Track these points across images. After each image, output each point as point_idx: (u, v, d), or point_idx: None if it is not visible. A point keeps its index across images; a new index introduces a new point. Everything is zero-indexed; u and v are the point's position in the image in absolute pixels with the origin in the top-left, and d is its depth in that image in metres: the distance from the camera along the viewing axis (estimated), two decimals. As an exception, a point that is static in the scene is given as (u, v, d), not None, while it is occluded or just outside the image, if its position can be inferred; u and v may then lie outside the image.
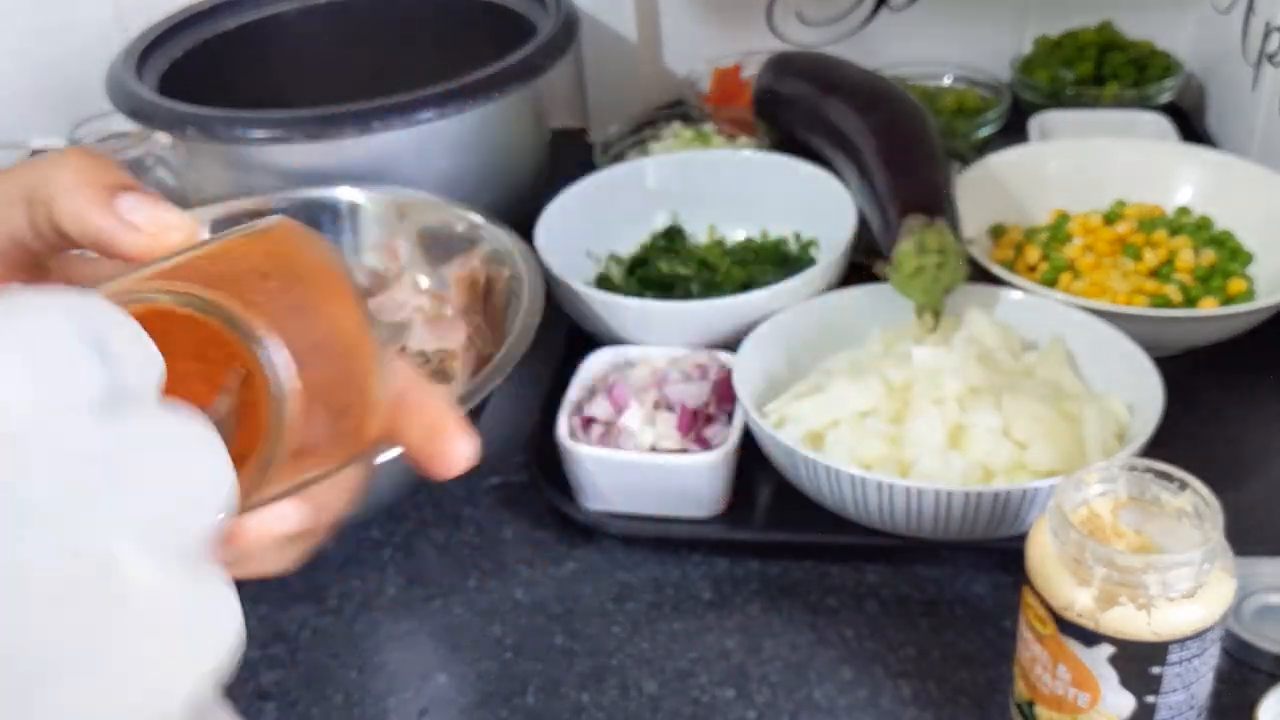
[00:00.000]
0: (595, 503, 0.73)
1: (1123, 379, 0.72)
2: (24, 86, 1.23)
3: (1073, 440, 0.68)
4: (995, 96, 1.09)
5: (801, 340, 0.78)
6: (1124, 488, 0.55)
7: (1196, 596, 0.51)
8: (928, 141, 0.83)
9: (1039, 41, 1.14)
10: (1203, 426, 0.77)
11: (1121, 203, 0.91)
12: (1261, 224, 0.87)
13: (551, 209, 0.88)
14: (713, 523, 0.73)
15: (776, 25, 1.18)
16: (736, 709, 0.63)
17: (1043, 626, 0.54)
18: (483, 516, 0.77)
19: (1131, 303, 0.81)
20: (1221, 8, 1.07)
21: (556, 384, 0.81)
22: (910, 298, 0.76)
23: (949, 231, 0.75)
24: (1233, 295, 0.83)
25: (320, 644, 0.70)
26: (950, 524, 0.65)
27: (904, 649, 0.66)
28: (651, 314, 0.80)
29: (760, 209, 0.93)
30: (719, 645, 0.67)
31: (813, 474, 0.67)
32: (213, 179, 0.95)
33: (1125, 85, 1.08)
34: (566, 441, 0.72)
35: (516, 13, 1.05)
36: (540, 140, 1.03)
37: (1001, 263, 0.86)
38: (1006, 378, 0.72)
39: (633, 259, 0.92)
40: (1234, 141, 1.04)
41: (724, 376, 0.75)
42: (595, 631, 0.69)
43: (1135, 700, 0.53)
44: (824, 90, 0.92)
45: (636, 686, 0.65)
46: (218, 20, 1.07)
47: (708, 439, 0.73)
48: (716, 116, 1.06)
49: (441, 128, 0.89)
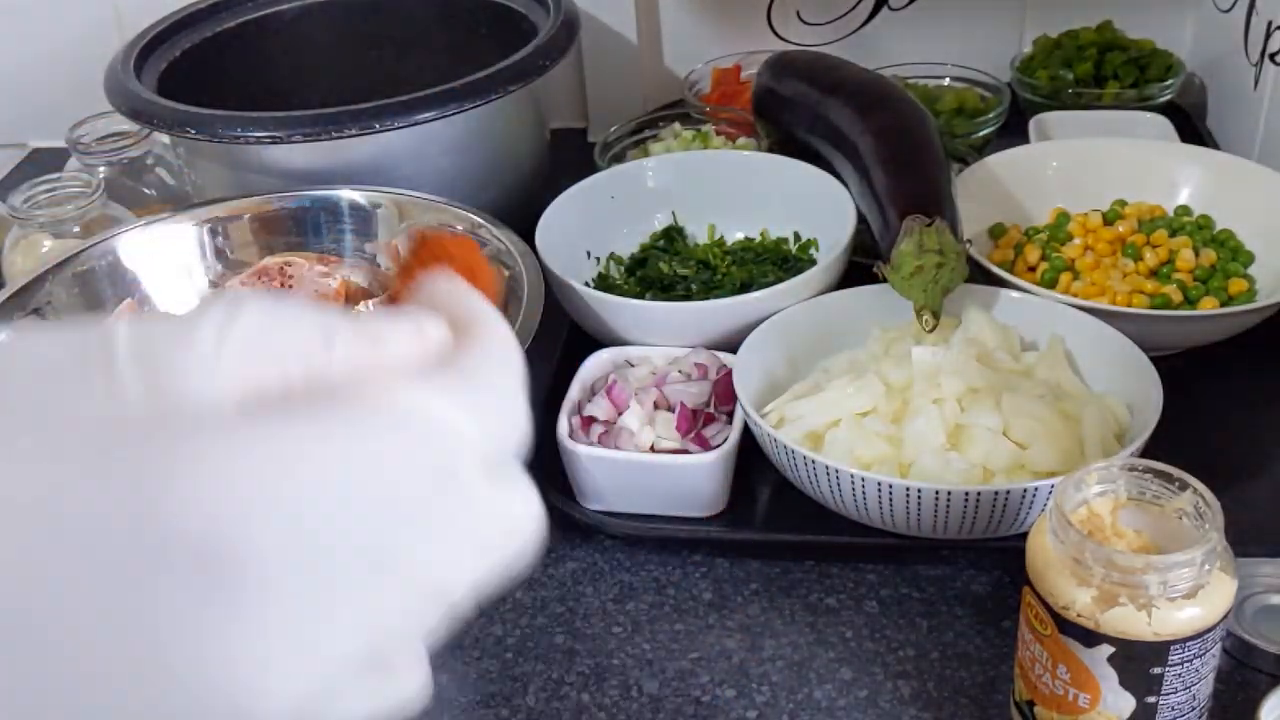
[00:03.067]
0: (595, 503, 0.73)
1: (1122, 379, 0.72)
2: (23, 86, 1.23)
3: (1073, 440, 0.68)
4: (995, 96, 1.09)
5: (801, 340, 0.78)
6: (1124, 488, 0.55)
7: (1197, 597, 0.51)
8: (928, 141, 0.83)
9: (1039, 41, 1.14)
10: (1203, 426, 0.77)
11: (1121, 203, 0.91)
12: (1262, 224, 0.87)
13: (551, 209, 0.88)
14: (713, 523, 0.73)
15: (776, 25, 1.18)
16: (737, 709, 0.63)
17: (1043, 626, 0.54)
18: (483, 516, 0.77)
19: (1131, 303, 0.81)
20: (1223, 7, 1.07)
21: (556, 384, 0.81)
22: (909, 298, 0.76)
23: (948, 232, 0.75)
24: (1233, 295, 0.83)
25: (320, 644, 0.69)
26: (950, 524, 0.65)
27: (904, 649, 0.66)
28: (651, 314, 0.80)
29: (760, 209, 0.93)
30: (719, 645, 0.67)
31: (813, 474, 0.67)
32: (212, 179, 0.95)
33: (1125, 85, 1.08)
34: (566, 441, 0.72)
35: (516, 13, 1.04)
36: (540, 140, 1.03)
37: (1001, 263, 0.86)
38: (1006, 378, 0.72)
39: (633, 259, 0.92)
40: (1235, 141, 1.04)
41: (724, 376, 0.75)
42: (596, 631, 0.69)
43: (1135, 700, 0.53)
44: (824, 90, 0.92)
45: (637, 686, 0.65)
46: (217, 20, 1.07)
47: (708, 439, 0.73)
48: (716, 116, 1.06)
49: (441, 128, 0.89)
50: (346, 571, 0.27)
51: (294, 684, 0.27)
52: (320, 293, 0.82)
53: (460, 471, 0.29)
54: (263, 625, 0.26)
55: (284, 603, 0.26)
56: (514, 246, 0.82)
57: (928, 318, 0.75)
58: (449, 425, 0.29)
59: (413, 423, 0.29)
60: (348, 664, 0.28)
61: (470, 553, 0.30)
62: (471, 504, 0.30)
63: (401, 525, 0.28)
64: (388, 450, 0.28)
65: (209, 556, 0.25)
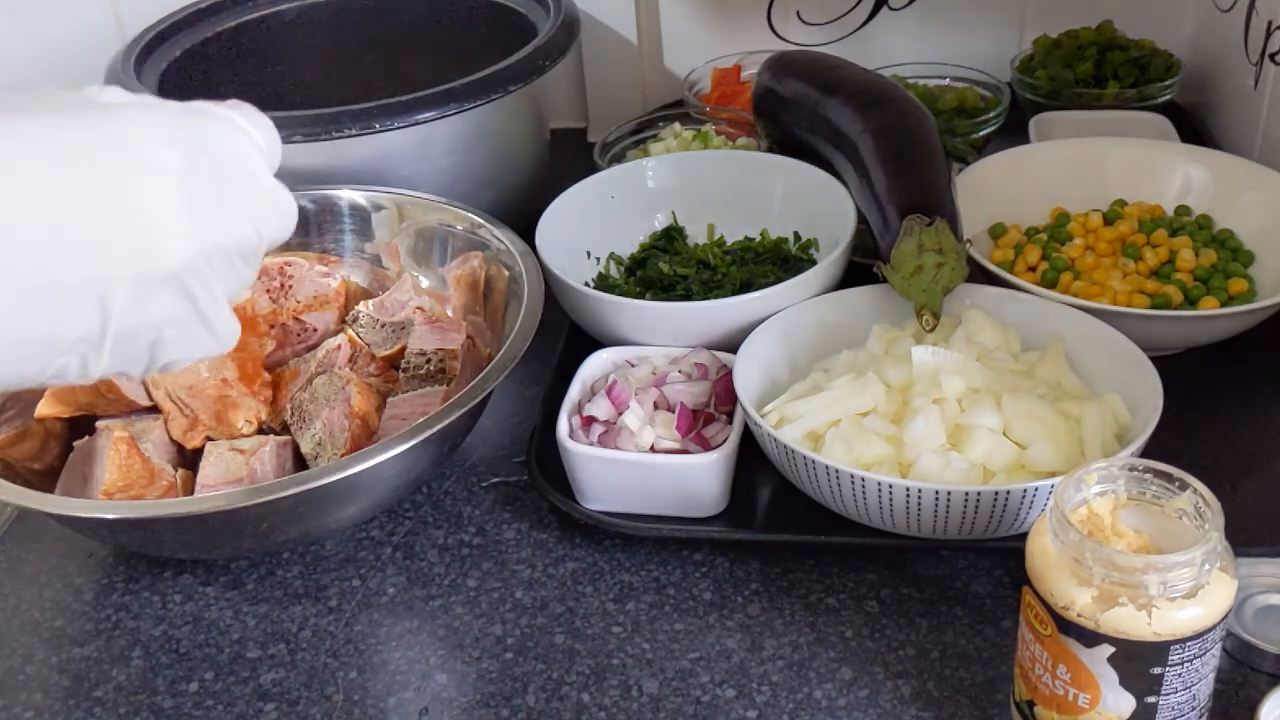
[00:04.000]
0: (595, 503, 0.73)
1: (1123, 379, 0.72)
2: (23, 86, 1.23)
3: (1073, 440, 0.68)
4: (995, 96, 1.09)
5: (801, 340, 0.78)
6: (1124, 488, 0.55)
7: (1197, 597, 0.51)
8: (928, 141, 0.83)
9: (1039, 41, 1.14)
10: (1203, 426, 0.77)
11: (1121, 202, 0.91)
12: (1262, 224, 0.87)
13: (551, 209, 0.88)
14: (713, 523, 0.73)
15: (776, 25, 1.18)
16: (737, 708, 0.63)
17: (1043, 626, 0.54)
18: (483, 516, 0.77)
19: (1132, 303, 0.81)
20: (1223, 7, 1.07)
21: (556, 384, 0.81)
22: (909, 298, 0.76)
23: (948, 231, 0.75)
24: (1233, 295, 0.83)
25: (320, 644, 0.70)
26: (950, 524, 0.65)
27: (904, 649, 0.66)
28: (651, 314, 0.80)
29: (760, 209, 0.93)
30: (720, 645, 0.67)
31: (813, 474, 0.67)
32: (212, 179, 0.95)
33: (1125, 85, 1.08)
34: (566, 441, 0.72)
35: (516, 12, 1.05)
36: (540, 140, 1.03)
37: (1001, 263, 0.86)
38: (1006, 378, 0.72)
39: (633, 259, 0.92)
40: (1235, 141, 1.04)
41: (724, 376, 0.75)
42: (596, 631, 0.69)
43: (1135, 700, 0.53)
44: (824, 90, 0.92)
45: (637, 686, 0.65)
46: (217, 20, 1.07)
47: (708, 439, 0.73)
48: (716, 116, 1.06)
49: (441, 128, 0.89)
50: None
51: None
52: (320, 293, 0.82)
53: (251, 159, 0.48)
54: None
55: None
56: (514, 246, 0.82)
57: (928, 318, 0.75)
58: (240, 125, 0.49)
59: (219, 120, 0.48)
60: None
61: (269, 223, 0.48)
62: (262, 185, 0.48)
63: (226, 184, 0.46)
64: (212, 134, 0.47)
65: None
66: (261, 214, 0.48)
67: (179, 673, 0.69)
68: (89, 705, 0.67)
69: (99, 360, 0.44)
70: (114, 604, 0.73)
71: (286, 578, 0.74)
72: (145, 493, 0.71)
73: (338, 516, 0.71)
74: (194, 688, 0.68)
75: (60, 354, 0.43)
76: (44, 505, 0.67)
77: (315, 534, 0.74)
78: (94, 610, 0.73)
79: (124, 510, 0.67)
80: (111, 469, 0.70)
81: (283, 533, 0.70)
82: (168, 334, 0.46)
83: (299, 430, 0.75)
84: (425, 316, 0.81)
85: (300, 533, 0.72)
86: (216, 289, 0.47)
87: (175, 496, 0.72)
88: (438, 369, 0.78)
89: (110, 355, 0.44)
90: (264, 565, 0.75)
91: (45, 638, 0.72)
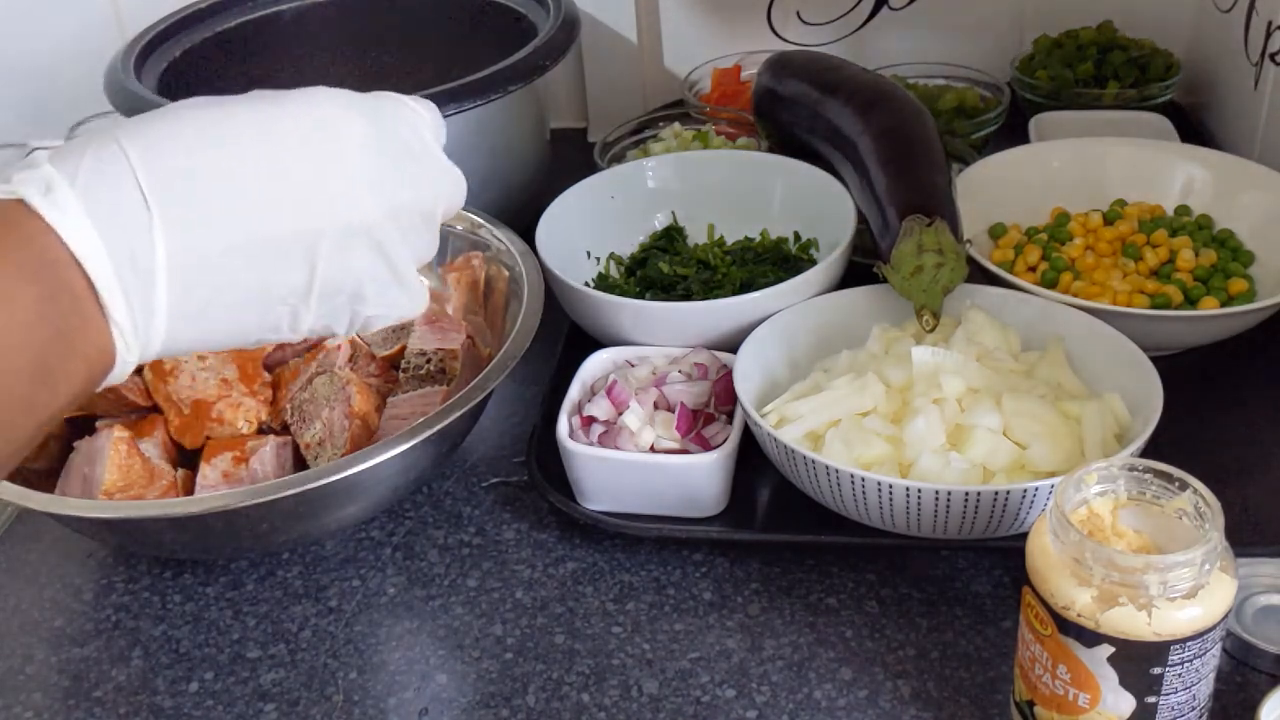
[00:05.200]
0: (595, 503, 0.73)
1: (1122, 379, 0.72)
2: (23, 86, 1.23)
3: (1073, 440, 0.68)
4: (995, 96, 1.09)
5: (801, 340, 0.78)
6: (1124, 488, 0.55)
7: (1197, 597, 0.51)
8: (928, 142, 0.83)
9: (1039, 41, 1.14)
10: (1203, 426, 0.77)
11: (1121, 203, 0.91)
12: (1262, 224, 0.87)
13: (551, 209, 0.88)
14: (713, 523, 0.73)
15: (776, 25, 1.18)
16: (737, 709, 0.63)
17: (1043, 626, 0.54)
18: (483, 516, 0.77)
19: (1132, 303, 0.81)
20: (1223, 7, 1.07)
21: (556, 384, 0.81)
22: (909, 298, 0.76)
23: (948, 232, 0.75)
24: (1233, 295, 0.83)
25: (320, 644, 0.70)
26: (950, 524, 0.65)
27: (904, 649, 0.66)
28: (651, 314, 0.80)
29: (760, 209, 0.93)
30: (720, 645, 0.67)
31: (812, 474, 0.67)
32: (212, 179, 0.95)
33: (1125, 85, 1.08)
34: (566, 441, 0.72)
35: (516, 12, 1.05)
36: (540, 140, 1.03)
37: (1001, 263, 0.86)
38: (1006, 378, 0.72)
39: (632, 259, 0.92)
40: (1235, 141, 1.04)
41: (724, 376, 0.75)
42: (596, 631, 0.69)
43: (1135, 700, 0.53)
44: (824, 90, 0.92)
45: (637, 686, 0.65)
46: (217, 20, 1.07)
47: (708, 439, 0.73)
48: (716, 116, 1.06)
49: (441, 128, 0.89)
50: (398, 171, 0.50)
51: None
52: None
53: (425, 135, 0.53)
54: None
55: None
56: (514, 246, 0.82)
57: (928, 318, 0.75)
58: (411, 107, 0.53)
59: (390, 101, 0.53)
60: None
61: (445, 191, 0.53)
62: (438, 159, 0.53)
63: (405, 160, 0.50)
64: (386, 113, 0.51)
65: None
66: (439, 182, 0.52)
67: (179, 673, 0.69)
68: (89, 705, 0.67)
69: (308, 312, 0.48)
70: (114, 604, 0.73)
71: (286, 578, 0.74)
72: (145, 493, 0.71)
73: (338, 516, 0.71)
74: (194, 688, 0.68)
75: (272, 306, 0.47)
76: (44, 505, 0.67)
77: (315, 534, 0.74)
78: (94, 610, 0.73)
79: (124, 510, 0.67)
80: (111, 469, 0.70)
81: (283, 533, 0.70)
82: (368, 289, 0.49)
83: (299, 430, 0.75)
84: (425, 316, 0.81)
85: (300, 533, 0.72)
86: (404, 250, 0.50)
87: (175, 496, 0.73)
88: (438, 369, 0.78)
89: (317, 307, 0.48)
90: (264, 565, 0.75)
91: (45, 638, 0.72)
